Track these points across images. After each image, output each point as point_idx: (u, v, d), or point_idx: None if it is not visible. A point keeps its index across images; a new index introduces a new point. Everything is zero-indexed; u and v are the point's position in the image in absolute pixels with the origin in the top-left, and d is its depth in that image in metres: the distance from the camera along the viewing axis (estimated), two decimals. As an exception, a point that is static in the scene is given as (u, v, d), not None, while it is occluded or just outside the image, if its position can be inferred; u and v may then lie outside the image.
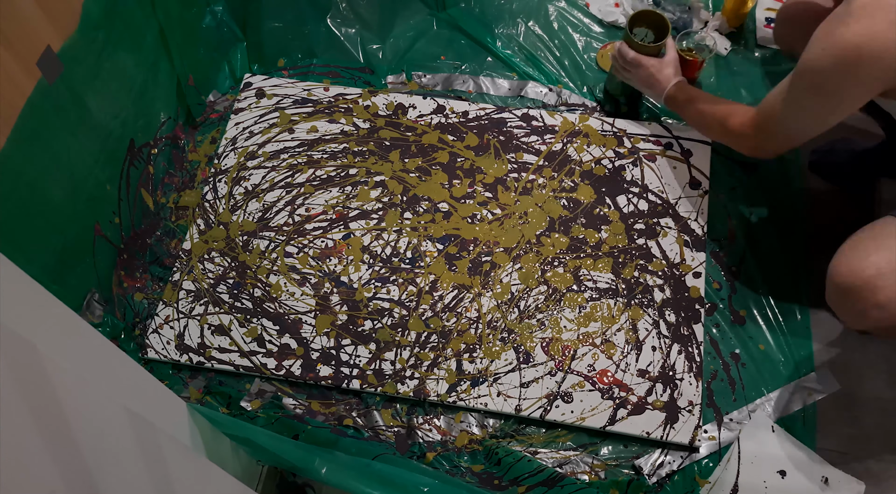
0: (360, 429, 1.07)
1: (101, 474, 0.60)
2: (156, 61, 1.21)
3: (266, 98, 1.35)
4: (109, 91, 1.09)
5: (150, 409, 0.78)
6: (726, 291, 1.16)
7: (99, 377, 0.68)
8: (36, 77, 0.92)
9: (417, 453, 1.06)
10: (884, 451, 1.05)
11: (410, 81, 1.39)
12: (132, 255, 1.18)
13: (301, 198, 1.25)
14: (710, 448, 1.05)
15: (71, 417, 0.58)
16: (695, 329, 1.10)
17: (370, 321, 1.14)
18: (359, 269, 1.18)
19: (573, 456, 1.05)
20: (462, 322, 1.13)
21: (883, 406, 1.07)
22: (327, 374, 1.10)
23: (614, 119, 1.29)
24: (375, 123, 1.31)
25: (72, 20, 0.98)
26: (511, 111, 1.31)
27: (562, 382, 1.08)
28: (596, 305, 1.13)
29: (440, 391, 1.08)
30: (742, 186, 1.24)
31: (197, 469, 0.83)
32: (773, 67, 1.35)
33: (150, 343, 1.14)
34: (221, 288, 1.17)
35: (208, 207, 1.25)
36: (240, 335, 1.13)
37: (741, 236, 1.20)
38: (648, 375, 1.08)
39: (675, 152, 1.25)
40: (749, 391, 1.08)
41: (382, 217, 1.22)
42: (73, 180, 1.02)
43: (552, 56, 1.39)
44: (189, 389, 1.12)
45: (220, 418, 0.93)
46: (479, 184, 1.24)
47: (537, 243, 1.18)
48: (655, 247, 1.17)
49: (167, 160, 1.27)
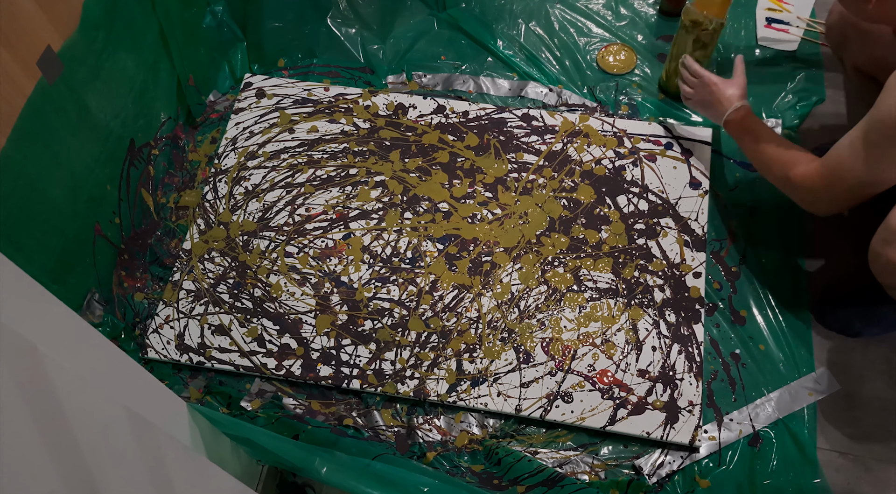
0: (360, 429, 1.07)
1: (101, 474, 0.60)
2: (156, 61, 1.21)
3: (266, 98, 1.35)
4: (109, 91, 1.09)
5: (150, 409, 0.78)
6: (726, 291, 1.16)
7: (99, 377, 0.68)
8: (36, 77, 0.92)
9: (417, 453, 1.06)
10: (884, 451, 1.05)
11: (410, 81, 1.39)
12: (132, 255, 1.18)
13: (301, 198, 1.25)
14: (710, 448, 1.05)
15: (71, 417, 0.58)
16: (695, 329, 1.10)
17: (370, 321, 1.14)
18: (359, 269, 1.18)
19: (573, 456, 1.05)
20: (462, 322, 1.13)
21: (883, 406, 1.07)
22: (327, 374, 1.10)
23: (614, 119, 1.29)
24: (376, 123, 1.31)
25: (72, 20, 0.98)
26: (511, 111, 1.31)
27: (562, 382, 1.08)
28: (596, 305, 1.13)
29: (440, 391, 1.08)
30: (742, 186, 1.24)
31: (197, 469, 0.83)
32: (774, 67, 1.35)
33: (150, 343, 1.14)
34: (221, 288, 1.17)
35: (208, 207, 1.25)
36: (240, 335, 1.13)
37: (741, 236, 1.20)
38: (648, 375, 1.08)
39: (675, 152, 1.25)
40: (749, 391, 1.08)
41: (382, 217, 1.22)
42: (73, 180, 1.02)
43: (552, 56, 1.39)
44: (189, 389, 1.12)
45: (220, 418, 0.93)
46: (480, 184, 1.24)
47: (537, 243, 1.18)
48: (655, 247, 1.17)
49: (167, 160, 1.27)
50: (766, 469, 1.03)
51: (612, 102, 1.33)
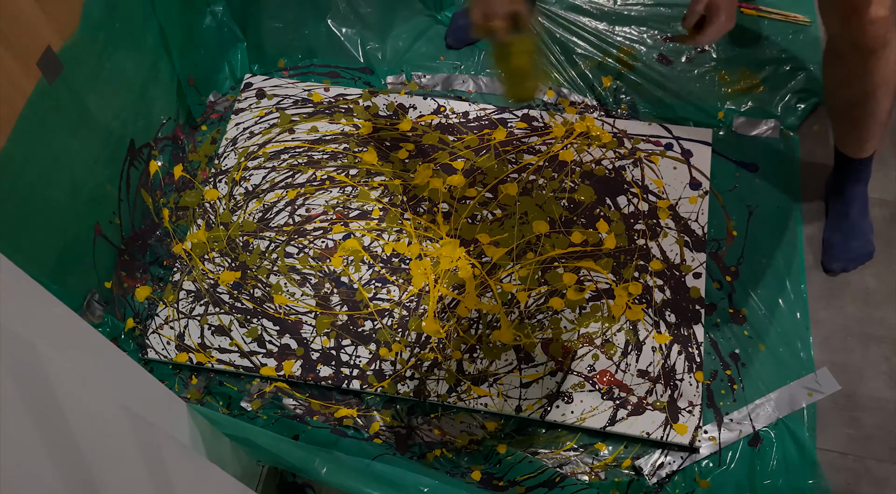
0: (360, 429, 1.07)
1: (101, 474, 0.59)
2: (156, 61, 1.21)
3: (266, 98, 1.35)
4: (109, 91, 1.09)
5: (150, 409, 0.78)
6: (726, 291, 1.16)
7: (99, 377, 0.68)
8: (36, 77, 0.92)
9: (417, 453, 1.06)
10: (884, 451, 1.05)
11: (410, 82, 1.39)
12: (132, 255, 1.18)
13: (301, 198, 1.25)
14: (710, 449, 1.05)
15: (71, 417, 0.58)
16: (695, 329, 1.10)
17: (370, 322, 1.14)
18: (359, 269, 1.18)
19: (573, 457, 1.05)
20: (462, 322, 1.13)
21: (883, 406, 1.07)
22: (327, 374, 1.10)
23: (614, 119, 1.29)
24: (376, 124, 1.31)
25: (72, 20, 0.98)
26: (511, 111, 1.31)
27: (562, 382, 1.08)
28: (596, 305, 1.13)
29: (440, 391, 1.08)
30: (742, 186, 1.24)
31: (197, 469, 0.83)
32: (774, 67, 1.35)
33: (150, 343, 1.14)
34: (221, 288, 1.17)
35: (208, 207, 1.25)
36: (240, 336, 1.13)
37: (741, 236, 1.20)
38: (648, 375, 1.08)
39: (675, 153, 1.25)
40: (749, 391, 1.08)
41: (383, 217, 1.22)
42: (73, 180, 1.02)
43: (552, 56, 1.39)
44: (189, 389, 1.12)
45: (220, 418, 0.93)
46: (480, 184, 1.24)
47: (537, 244, 1.18)
48: (655, 247, 1.17)
49: (167, 160, 1.27)
50: (766, 470, 1.03)
51: (612, 103, 1.33)
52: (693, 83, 1.33)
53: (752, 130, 1.29)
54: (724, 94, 1.32)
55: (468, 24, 1.34)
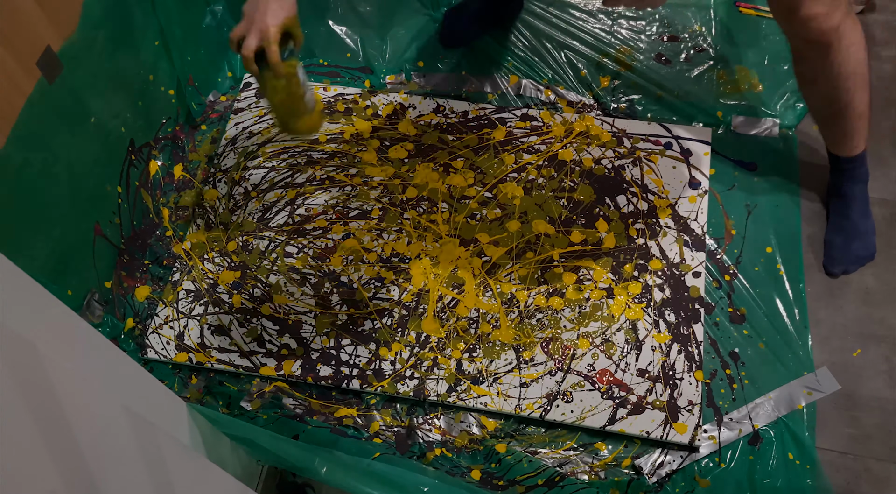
0: (360, 429, 1.07)
1: (101, 474, 0.60)
2: (156, 61, 1.21)
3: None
4: (109, 91, 1.09)
5: (150, 409, 0.78)
6: (726, 290, 1.16)
7: (99, 377, 0.68)
8: (36, 77, 0.92)
9: (417, 453, 1.06)
10: (884, 451, 1.05)
11: (410, 81, 1.39)
12: (132, 255, 1.18)
13: (301, 198, 1.25)
14: (710, 448, 1.05)
15: (71, 417, 0.58)
16: (694, 329, 1.10)
17: (370, 321, 1.14)
18: (359, 269, 1.18)
19: (573, 456, 1.05)
20: (462, 322, 1.13)
21: (883, 406, 1.07)
22: (327, 374, 1.10)
23: (614, 119, 1.29)
24: (375, 123, 1.31)
25: (72, 20, 0.98)
26: (511, 111, 1.31)
27: (562, 382, 1.08)
28: (596, 305, 1.13)
29: (440, 391, 1.08)
30: (741, 185, 1.24)
31: (197, 469, 0.83)
32: (773, 67, 1.35)
33: (150, 343, 1.14)
34: (221, 288, 1.17)
35: (208, 207, 1.25)
36: (240, 335, 1.13)
37: (740, 235, 1.20)
38: (648, 375, 1.08)
39: (674, 152, 1.25)
40: (749, 391, 1.08)
41: (382, 217, 1.22)
42: (73, 180, 1.02)
43: (551, 56, 1.39)
44: (189, 389, 1.12)
45: (220, 418, 0.93)
46: (479, 184, 1.24)
47: (537, 243, 1.18)
48: (655, 247, 1.17)
49: (167, 160, 1.27)
50: (766, 469, 1.03)
51: (611, 102, 1.33)
52: (692, 83, 1.33)
53: (751, 130, 1.29)
54: (723, 93, 1.32)
55: (462, 25, 1.34)
